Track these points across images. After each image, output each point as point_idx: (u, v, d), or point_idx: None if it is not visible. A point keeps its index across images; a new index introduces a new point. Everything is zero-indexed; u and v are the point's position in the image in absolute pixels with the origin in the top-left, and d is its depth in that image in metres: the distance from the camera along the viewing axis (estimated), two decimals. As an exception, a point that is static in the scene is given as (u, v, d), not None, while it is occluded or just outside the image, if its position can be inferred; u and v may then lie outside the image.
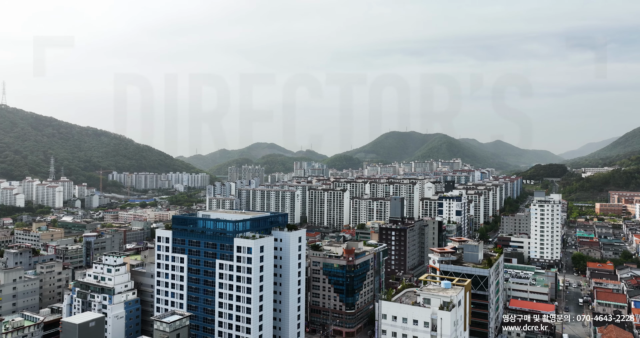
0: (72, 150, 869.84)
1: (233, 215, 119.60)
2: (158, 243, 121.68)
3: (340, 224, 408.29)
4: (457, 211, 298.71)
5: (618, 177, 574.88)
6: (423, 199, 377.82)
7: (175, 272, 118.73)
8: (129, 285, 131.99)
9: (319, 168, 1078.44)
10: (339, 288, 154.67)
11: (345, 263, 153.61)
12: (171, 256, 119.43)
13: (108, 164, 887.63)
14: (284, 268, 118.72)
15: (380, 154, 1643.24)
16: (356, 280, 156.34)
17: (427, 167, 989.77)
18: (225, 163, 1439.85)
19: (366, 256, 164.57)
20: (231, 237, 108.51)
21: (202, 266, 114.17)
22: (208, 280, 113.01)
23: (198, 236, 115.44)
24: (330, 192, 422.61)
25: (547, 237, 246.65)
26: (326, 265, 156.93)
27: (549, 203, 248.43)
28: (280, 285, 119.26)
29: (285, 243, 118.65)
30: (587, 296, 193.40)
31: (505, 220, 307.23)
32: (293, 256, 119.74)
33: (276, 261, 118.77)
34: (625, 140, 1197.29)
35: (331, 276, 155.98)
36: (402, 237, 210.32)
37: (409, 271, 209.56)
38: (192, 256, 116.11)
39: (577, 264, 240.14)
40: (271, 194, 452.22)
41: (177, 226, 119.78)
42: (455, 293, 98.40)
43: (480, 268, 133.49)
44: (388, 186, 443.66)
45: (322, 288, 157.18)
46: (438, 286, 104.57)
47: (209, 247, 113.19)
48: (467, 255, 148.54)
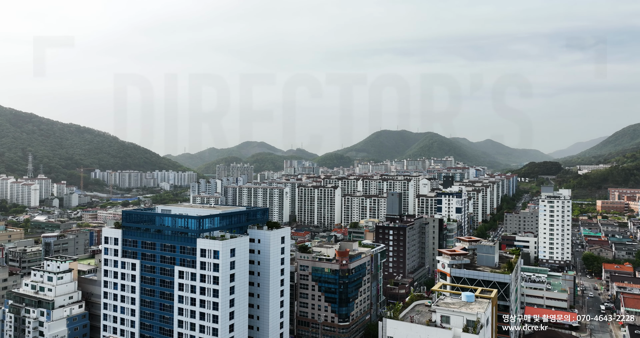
0: (52, 147, 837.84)
1: (200, 209, 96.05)
2: (105, 245, 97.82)
3: (331, 223, 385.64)
4: (457, 209, 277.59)
5: (617, 174, 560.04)
6: (419, 197, 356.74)
7: (126, 282, 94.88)
8: (75, 296, 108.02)
9: (310, 166, 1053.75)
10: (331, 297, 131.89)
11: (338, 268, 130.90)
12: (120, 262, 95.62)
13: (91, 162, 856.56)
14: (263, 275, 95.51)
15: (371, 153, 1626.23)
16: (351, 286, 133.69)
17: (419, 165, 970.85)
18: (214, 162, 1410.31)
19: (362, 258, 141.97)
20: (194, 238, 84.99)
21: (158, 275, 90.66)
22: (165, 292, 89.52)
23: (153, 236, 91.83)
24: (320, 189, 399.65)
25: (557, 236, 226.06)
26: (316, 269, 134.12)
27: (559, 199, 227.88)
28: (259, 297, 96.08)
29: (265, 245, 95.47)
30: (608, 301, 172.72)
31: (509, 218, 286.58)
32: (274, 260, 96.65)
33: (253, 267, 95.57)
34: (616, 139, 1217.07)
35: (322, 282, 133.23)
36: (401, 236, 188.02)
37: (408, 274, 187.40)
38: (146, 261, 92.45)
39: (589, 265, 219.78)
40: (258, 191, 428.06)
41: (129, 224, 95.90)
42: (482, 309, 75.97)
43: (500, 274, 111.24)
44: (381, 183, 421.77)
45: (311, 296, 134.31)
46: (458, 300, 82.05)
47: (166, 250, 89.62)
48: (481, 257, 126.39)
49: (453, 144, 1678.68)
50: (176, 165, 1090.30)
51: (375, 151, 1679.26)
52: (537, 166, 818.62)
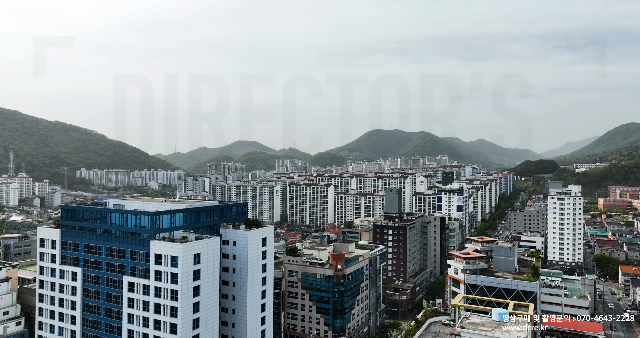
0: (36, 145, 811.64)
1: (161, 204, 77.07)
2: (40, 250, 78.35)
3: (324, 222, 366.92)
4: (459, 207, 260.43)
5: (616, 172, 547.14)
6: (416, 195, 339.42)
7: (65, 296, 75.68)
8: (12, 311, 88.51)
9: (303, 165, 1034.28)
10: (324, 307, 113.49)
11: (332, 273, 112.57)
12: (59, 270, 76.39)
13: (77, 161, 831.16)
14: (240, 286, 76.84)
15: (364, 152, 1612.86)
16: (347, 295, 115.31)
17: (413, 163, 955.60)
18: (204, 161, 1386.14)
19: (359, 262, 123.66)
20: (147, 240, 66.00)
21: (104, 287, 71.68)
22: (112, 309, 70.43)
23: (100, 238, 72.77)
24: (313, 187, 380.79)
25: (567, 236, 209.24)
26: (306, 275, 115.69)
27: (570, 196, 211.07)
28: (234, 313, 77.35)
29: (241, 248, 76.77)
30: (631, 308, 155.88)
31: (513, 216, 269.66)
32: (254, 267, 78.00)
33: (227, 275, 76.83)
34: (608, 138, 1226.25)
35: (313, 290, 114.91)
36: (402, 237, 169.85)
37: (409, 278, 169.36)
38: (90, 270, 73.41)
39: (603, 267, 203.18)
40: (248, 190, 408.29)
41: (70, 222, 76.64)
42: (522, 334, 57.76)
43: (525, 281, 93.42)
44: (376, 181, 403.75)
45: (300, 306, 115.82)
46: (487, 319, 63.81)
47: (114, 256, 70.61)
48: (499, 261, 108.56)
49: (446, 144, 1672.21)
50: (165, 164, 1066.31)
51: (369, 150, 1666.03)
52: (533, 165, 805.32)
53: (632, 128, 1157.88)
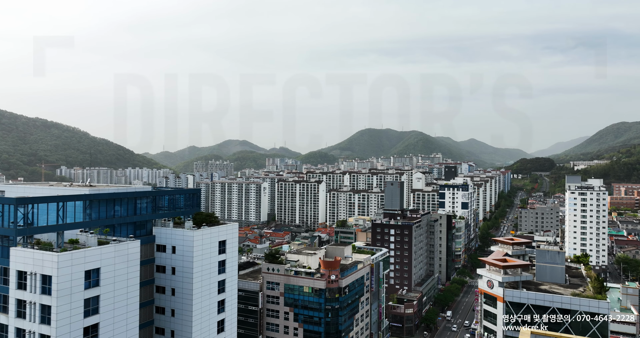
0: (14, 142, 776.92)
1: (57, 189, 49.78)
2: None
3: (315, 222, 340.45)
4: (464, 204, 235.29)
5: (618, 169, 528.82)
6: (414, 192, 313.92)
7: None
8: None
9: (293, 164, 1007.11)
10: (314, 331, 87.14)
11: (324, 286, 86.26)
12: None
13: (57, 159, 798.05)
14: (181, 319, 49.57)
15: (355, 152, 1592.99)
16: (343, 314, 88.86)
17: (406, 162, 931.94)
18: (193, 160, 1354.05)
19: (359, 270, 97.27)
20: (6, 246, 38.67)
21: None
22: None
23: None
24: (303, 184, 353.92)
25: (590, 235, 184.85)
26: (291, 288, 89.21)
27: (592, 190, 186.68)
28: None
29: (184, 257, 49.58)
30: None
31: (523, 214, 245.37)
32: (206, 287, 50.79)
33: (162, 299, 49.52)
34: (600, 137, 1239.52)
35: (300, 308, 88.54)
36: (406, 237, 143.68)
37: (415, 287, 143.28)
38: None
39: (633, 271, 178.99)
40: (233, 187, 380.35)
41: None
42: None
43: (591, 298, 67.58)
44: (370, 178, 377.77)
45: (283, 329, 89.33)
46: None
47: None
48: (543, 269, 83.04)
49: (438, 143, 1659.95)
50: (152, 162, 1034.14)
51: (361, 149, 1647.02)
52: (529, 163, 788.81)
53: (623, 127, 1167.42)
